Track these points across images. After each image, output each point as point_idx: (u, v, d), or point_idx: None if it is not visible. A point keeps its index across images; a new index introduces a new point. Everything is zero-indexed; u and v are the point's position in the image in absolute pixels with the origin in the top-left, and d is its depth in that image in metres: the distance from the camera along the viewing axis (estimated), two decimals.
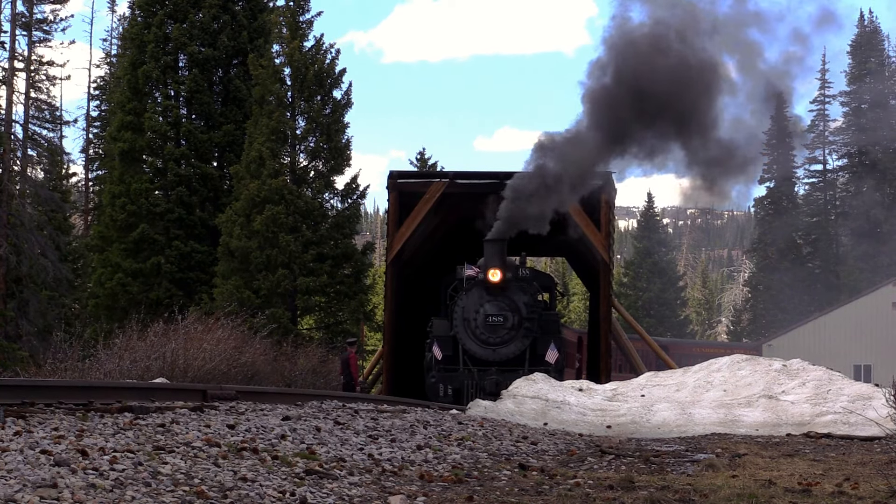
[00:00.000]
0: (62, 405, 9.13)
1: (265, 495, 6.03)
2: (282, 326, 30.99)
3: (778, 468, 8.86)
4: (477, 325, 22.73)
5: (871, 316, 52.47)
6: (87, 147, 55.19)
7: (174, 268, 37.04)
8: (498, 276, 22.46)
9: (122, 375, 18.34)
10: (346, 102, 36.30)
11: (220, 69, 39.49)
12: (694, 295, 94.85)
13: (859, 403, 15.48)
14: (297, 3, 36.38)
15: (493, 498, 6.87)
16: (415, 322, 28.49)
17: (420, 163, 55.05)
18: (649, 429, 15.15)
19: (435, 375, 22.81)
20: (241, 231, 33.74)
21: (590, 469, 8.91)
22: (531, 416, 15.95)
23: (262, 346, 23.34)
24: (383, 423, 10.82)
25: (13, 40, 37.74)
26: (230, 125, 38.23)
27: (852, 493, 7.16)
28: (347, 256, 35.17)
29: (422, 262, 30.85)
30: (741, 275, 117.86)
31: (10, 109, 36.94)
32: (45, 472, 5.66)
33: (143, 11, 39.57)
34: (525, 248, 25.01)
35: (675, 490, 7.20)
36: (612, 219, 28.30)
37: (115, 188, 38.39)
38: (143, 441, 7.34)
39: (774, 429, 14.58)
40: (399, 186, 27.67)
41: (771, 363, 18.65)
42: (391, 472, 7.69)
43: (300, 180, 35.45)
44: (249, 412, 10.56)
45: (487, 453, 9.58)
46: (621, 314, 30.74)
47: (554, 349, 23.02)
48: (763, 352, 48.84)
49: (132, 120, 38.35)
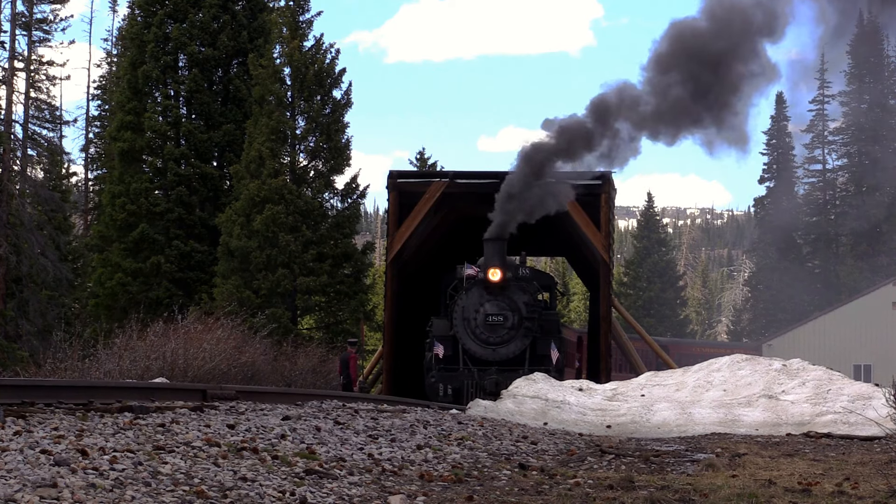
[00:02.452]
0: (62, 405, 9.13)
1: (265, 495, 6.03)
2: (282, 326, 30.98)
3: (778, 468, 8.86)
4: (477, 325, 22.72)
5: (871, 316, 52.46)
6: (87, 147, 55.20)
7: (174, 267, 37.03)
8: (498, 276, 22.45)
9: (122, 375, 18.34)
10: (346, 102, 36.31)
11: (220, 69, 39.48)
12: (694, 295, 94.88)
13: (859, 403, 15.48)
14: (297, 2, 36.39)
15: (493, 498, 6.87)
16: (415, 322, 28.48)
17: (420, 163, 55.06)
18: (649, 428, 15.15)
19: (435, 375, 22.80)
20: (241, 231, 33.74)
21: (590, 469, 8.90)
22: (531, 415, 15.95)
23: (262, 345, 23.34)
24: (383, 423, 10.82)
25: (13, 40, 37.78)
26: (230, 125, 38.23)
27: (852, 493, 7.15)
28: (347, 256, 35.16)
29: (422, 261, 30.85)
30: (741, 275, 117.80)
31: (10, 109, 36.98)
32: (45, 472, 5.66)
33: (143, 11, 39.57)
34: (525, 248, 25.02)
35: (675, 490, 7.20)
36: (612, 219, 28.30)
37: (115, 188, 38.39)
38: (143, 441, 7.34)
39: (774, 428, 14.58)
40: (399, 186, 27.68)
41: (771, 363, 18.64)
42: (391, 471, 7.69)
43: (300, 180, 35.44)
44: (249, 412, 10.56)
45: (487, 453, 9.58)
46: (621, 314, 30.74)
47: (554, 349, 23.00)
48: (763, 352, 48.84)
49: (132, 120, 38.34)
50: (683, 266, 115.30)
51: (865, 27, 69.47)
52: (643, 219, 77.38)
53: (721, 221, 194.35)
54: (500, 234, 22.41)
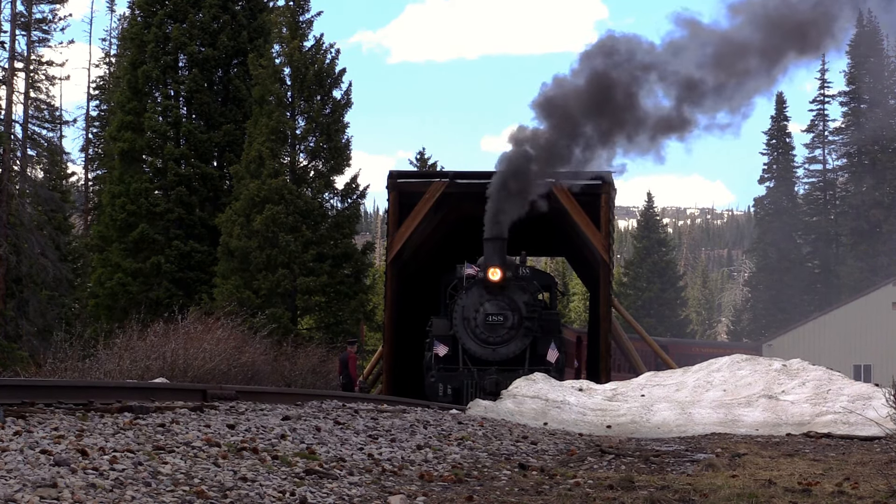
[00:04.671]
0: (62, 405, 9.13)
1: (265, 495, 6.03)
2: (282, 326, 30.96)
3: (778, 468, 8.86)
4: (477, 325, 22.68)
5: (871, 316, 52.48)
6: (87, 147, 55.20)
7: (174, 268, 37.03)
8: (498, 275, 22.40)
9: (122, 375, 18.34)
10: (346, 102, 36.31)
11: (220, 69, 39.47)
12: (694, 295, 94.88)
13: (859, 403, 15.47)
14: (297, 2, 36.39)
15: (493, 498, 6.87)
16: (415, 322, 28.48)
17: (420, 163, 55.06)
18: (649, 429, 15.14)
19: (434, 375, 22.76)
20: (241, 231, 33.73)
21: (590, 469, 8.90)
22: (531, 415, 15.95)
23: (262, 346, 23.32)
24: (383, 423, 10.83)
25: (13, 40, 37.78)
26: (230, 125, 38.23)
27: (852, 493, 7.15)
28: (347, 256, 35.16)
29: (422, 261, 30.85)
30: (741, 275, 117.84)
31: (10, 109, 36.98)
32: (45, 472, 5.66)
33: (143, 11, 39.56)
34: (525, 248, 24.99)
35: (675, 490, 7.20)
36: (612, 219, 28.29)
37: (115, 188, 38.38)
38: (143, 441, 7.34)
39: (774, 429, 14.58)
40: (399, 186, 27.68)
41: (771, 363, 18.64)
42: (391, 471, 7.68)
43: (300, 180, 35.44)
44: (249, 412, 10.56)
45: (487, 453, 9.58)
46: (621, 314, 30.74)
47: (554, 349, 22.96)
48: (763, 352, 48.88)
49: (132, 120, 38.34)
50: (683, 266, 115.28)
51: (865, 27, 69.51)
52: (643, 219, 77.41)
53: (721, 221, 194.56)
54: (498, 231, 22.31)
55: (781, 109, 73.81)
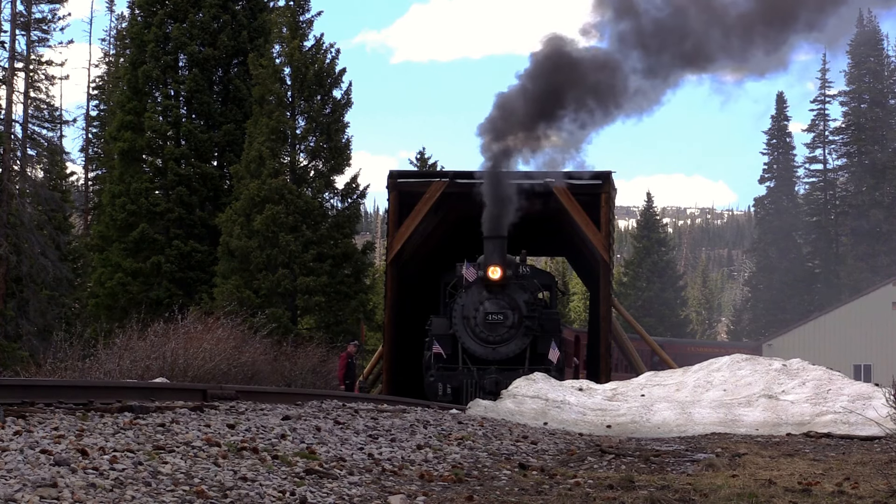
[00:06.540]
0: (62, 405, 9.13)
1: (265, 495, 6.03)
2: (282, 326, 30.95)
3: (778, 468, 8.86)
4: (476, 324, 22.63)
5: (871, 316, 52.49)
6: (87, 147, 55.19)
7: (174, 267, 37.02)
8: (498, 274, 22.33)
9: (122, 375, 18.32)
10: (346, 102, 36.29)
11: (220, 69, 39.47)
12: (694, 295, 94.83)
13: (859, 403, 15.47)
14: (298, 2, 36.38)
15: (493, 497, 6.87)
16: (415, 322, 28.48)
17: (420, 162, 55.05)
18: (649, 428, 15.14)
19: (434, 374, 22.71)
20: (241, 231, 33.73)
21: (590, 469, 8.90)
22: (531, 415, 15.95)
23: (262, 345, 23.29)
24: (383, 423, 10.82)
25: (13, 40, 37.77)
26: (230, 125, 38.22)
27: (852, 493, 7.15)
28: (347, 256, 35.14)
29: (422, 261, 30.85)
30: (741, 275, 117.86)
31: (10, 109, 36.96)
32: (45, 472, 5.66)
33: (143, 11, 39.56)
34: (525, 247, 24.97)
35: (675, 490, 7.20)
36: (612, 219, 28.29)
37: (115, 188, 38.38)
38: (143, 441, 7.34)
39: (774, 428, 14.58)
40: (399, 186, 27.68)
41: (771, 363, 18.64)
42: (391, 471, 7.68)
43: (300, 180, 35.43)
44: (249, 412, 10.56)
45: (487, 453, 9.58)
46: (621, 314, 30.74)
47: (554, 348, 22.90)
48: (763, 352, 48.89)
49: (132, 120, 38.33)
50: (683, 266, 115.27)
51: (865, 27, 69.55)
52: (643, 219, 77.36)
53: (721, 221, 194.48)
54: (497, 229, 22.21)
55: (782, 109, 73.85)
